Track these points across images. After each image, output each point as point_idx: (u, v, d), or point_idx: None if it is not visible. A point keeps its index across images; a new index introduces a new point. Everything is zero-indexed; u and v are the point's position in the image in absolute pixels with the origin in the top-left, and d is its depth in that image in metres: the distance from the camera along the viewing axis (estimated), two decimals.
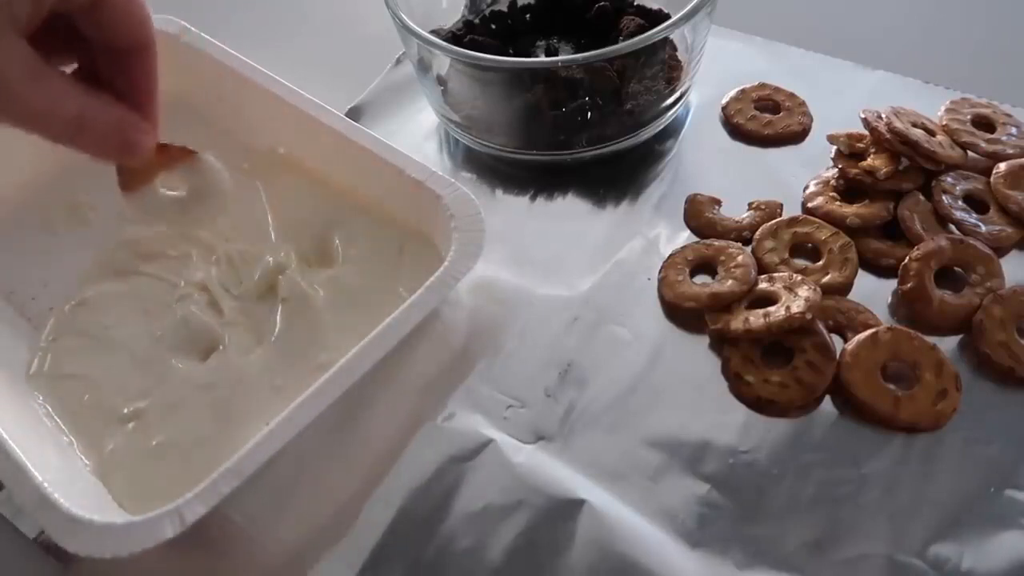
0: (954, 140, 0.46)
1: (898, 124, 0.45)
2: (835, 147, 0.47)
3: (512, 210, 0.49)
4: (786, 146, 0.50)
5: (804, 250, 0.44)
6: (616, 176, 0.49)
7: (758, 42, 0.56)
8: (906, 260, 0.42)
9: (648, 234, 0.46)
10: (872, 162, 0.45)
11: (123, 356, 0.43)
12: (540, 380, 0.41)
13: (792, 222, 0.45)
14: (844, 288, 0.42)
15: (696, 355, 0.41)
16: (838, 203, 0.45)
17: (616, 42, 0.44)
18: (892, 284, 0.42)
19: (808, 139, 0.50)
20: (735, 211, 0.47)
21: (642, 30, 0.47)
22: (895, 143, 0.44)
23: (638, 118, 0.49)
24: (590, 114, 0.48)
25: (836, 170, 0.47)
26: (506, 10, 0.55)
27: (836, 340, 0.40)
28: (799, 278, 0.42)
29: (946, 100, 0.48)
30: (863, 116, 0.46)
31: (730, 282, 0.42)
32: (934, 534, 0.34)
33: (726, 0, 0.48)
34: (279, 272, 0.44)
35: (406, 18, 0.47)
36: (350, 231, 0.46)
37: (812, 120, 0.51)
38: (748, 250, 0.44)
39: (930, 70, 0.52)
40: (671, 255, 0.45)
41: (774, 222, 0.45)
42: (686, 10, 0.44)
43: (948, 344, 0.40)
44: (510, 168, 0.51)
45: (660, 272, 0.44)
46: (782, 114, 0.51)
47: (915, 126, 0.45)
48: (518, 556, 0.35)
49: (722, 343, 0.41)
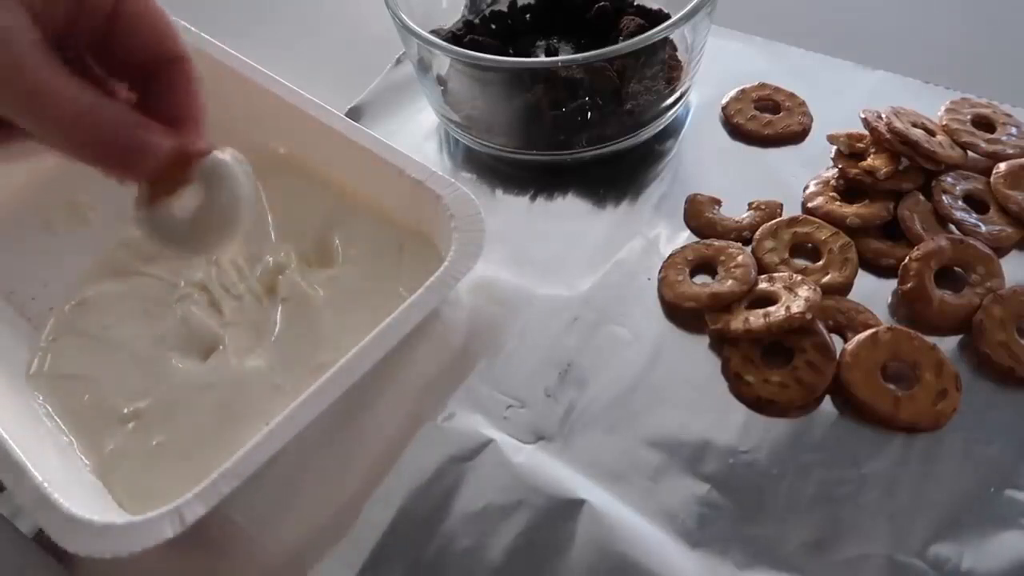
0: (954, 140, 0.46)
1: (898, 124, 0.45)
2: (835, 147, 0.47)
3: (512, 210, 0.49)
4: (786, 146, 0.50)
5: (804, 250, 0.44)
6: (616, 176, 0.49)
7: (758, 42, 0.56)
8: (906, 260, 0.42)
9: (648, 234, 0.46)
10: (872, 162, 0.45)
11: (123, 356, 0.43)
12: (540, 380, 0.41)
13: (792, 222, 0.45)
14: (844, 288, 0.42)
15: (696, 355, 0.41)
16: (838, 203, 0.45)
17: (616, 42, 0.44)
18: (892, 284, 0.42)
19: (808, 139, 0.50)
20: (735, 211, 0.47)
21: (642, 30, 0.47)
22: (895, 143, 0.44)
23: (638, 118, 0.49)
24: (590, 114, 0.48)
25: (836, 170, 0.47)
26: (506, 10, 0.55)
27: (836, 340, 0.40)
28: (799, 278, 0.42)
29: (946, 100, 0.48)
30: (863, 116, 0.46)
31: (730, 282, 0.42)
32: (934, 534, 0.34)
33: (726, 0, 0.48)
34: (279, 272, 0.44)
35: (406, 18, 0.47)
36: (350, 231, 0.46)
37: (812, 120, 0.51)
38: (748, 250, 0.44)
39: (930, 70, 0.52)
40: (671, 255, 0.45)
41: (774, 222, 0.45)
42: (686, 10, 0.44)
43: (948, 344, 0.40)
44: (510, 168, 0.51)
45: (660, 272, 0.44)
46: (782, 114, 0.51)
47: (915, 126, 0.45)
48: (518, 556, 0.35)
49: (722, 343, 0.41)
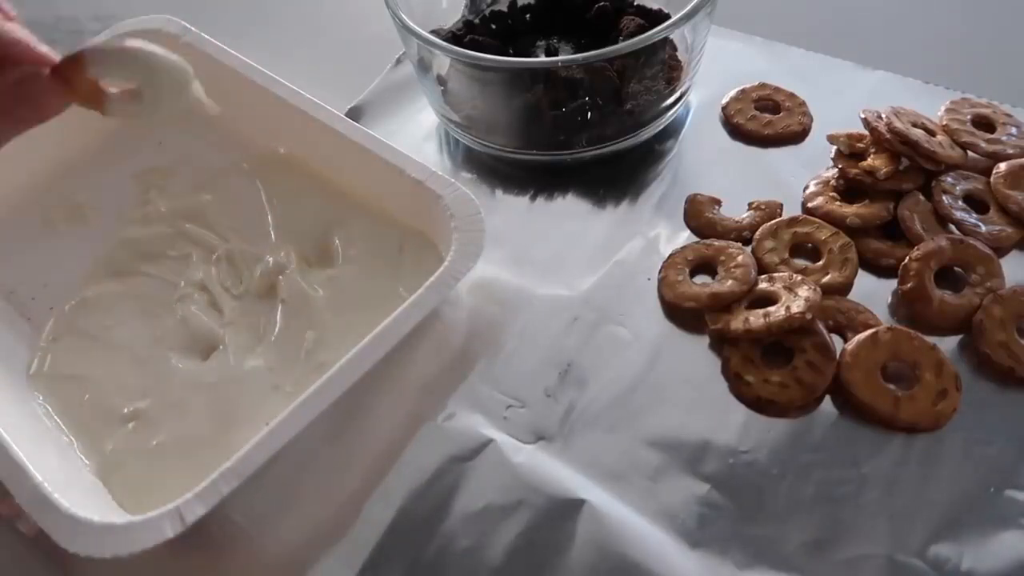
0: (954, 140, 0.46)
1: (898, 124, 0.45)
2: (835, 147, 0.47)
3: (512, 210, 0.49)
4: (786, 146, 0.50)
5: (804, 250, 0.44)
6: (616, 176, 0.49)
7: (758, 42, 0.56)
8: (906, 260, 0.42)
9: (648, 234, 0.46)
10: (872, 162, 0.45)
11: (123, 356, 0.43)
12: (540, 380, 0.41)
13: (792, 222, 0.45)
14: (844, 288, 0.42)
15: (696, 355, 0.41)
16: (838, 203, 0.45)
17: (616, 42, 0.44)
18: (892, 284, 0.42)
19: (808, 139, 0.50)
20: (735, 211, 0.47)
21: (642, 30, 0.47)
22: (895, 143, 0.44)
23: (638, 118, 0.49)
24: (590, 114, 0.48)
25: (836, 170, 0.46)
26: (506, 10, 0.55)
27: (836, 340, 0.40)
28: (799, 278, 0.42)
29: (946, 100, 0.48)
30: (863, 116, 0.46)
31: (730, 282, 0.42)
32: (934, 534, 0.34)
33: (726, 0, 0.48)
34: (279, 272, 0.44)
35: (406, 18, 0.47)
36: (350, 231, 0.46)
37: (812, 120, 0.51)
38: (748, 250, 0.44)
39: (930, 70, 0.52)
40: (671, 255, 0.45)
41: (774, 222, 0.45)
42: (686, 10, 0.44)
43: (948, 344, 0.40)
44: (510, 168, 0.51)
45: (660, 272, 0.44)
46: (782, 114, 0.51)
47: (915, 126, 0.45)
48: (518, 556, 0.35)
49: (722, 343, 0.41)
